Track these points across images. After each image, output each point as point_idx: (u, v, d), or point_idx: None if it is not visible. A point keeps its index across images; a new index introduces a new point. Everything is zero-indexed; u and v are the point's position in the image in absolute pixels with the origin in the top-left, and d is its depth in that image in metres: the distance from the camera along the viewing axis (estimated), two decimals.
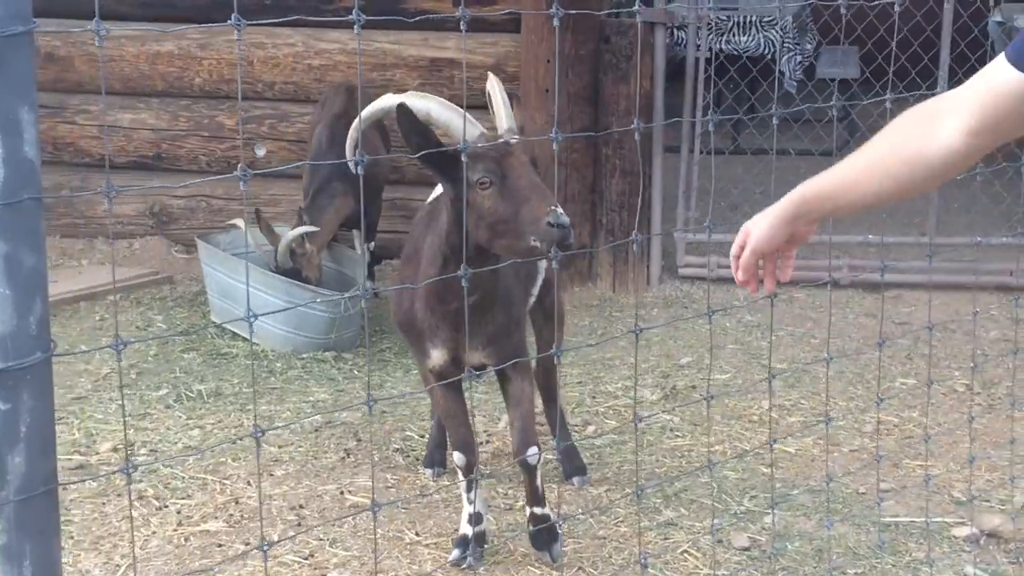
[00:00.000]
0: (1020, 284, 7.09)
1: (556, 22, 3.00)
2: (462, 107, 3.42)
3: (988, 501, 4.42)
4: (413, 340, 3.97)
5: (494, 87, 3.79)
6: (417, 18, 2.94)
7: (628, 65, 7.04)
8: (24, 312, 1.81)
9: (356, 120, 3.76)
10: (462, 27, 2.42)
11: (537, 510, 4.09)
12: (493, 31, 7.36)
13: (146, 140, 7.85)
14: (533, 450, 4.02)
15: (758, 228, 2.55)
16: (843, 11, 3.42)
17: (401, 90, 7.45)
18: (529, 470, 4.05)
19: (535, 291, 4.39)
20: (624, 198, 7.15)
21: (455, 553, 4.08)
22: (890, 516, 4.40)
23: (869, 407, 5.45)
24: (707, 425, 5.14)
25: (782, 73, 10.66)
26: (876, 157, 2.41)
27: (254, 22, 2.44)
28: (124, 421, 5.20)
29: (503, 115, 3.68)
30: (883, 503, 4.45)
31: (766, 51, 10.69)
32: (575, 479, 4.69)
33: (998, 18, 9.33)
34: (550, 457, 4.91)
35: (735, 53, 10.48)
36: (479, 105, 7.40)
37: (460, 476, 4.14)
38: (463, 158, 3.15)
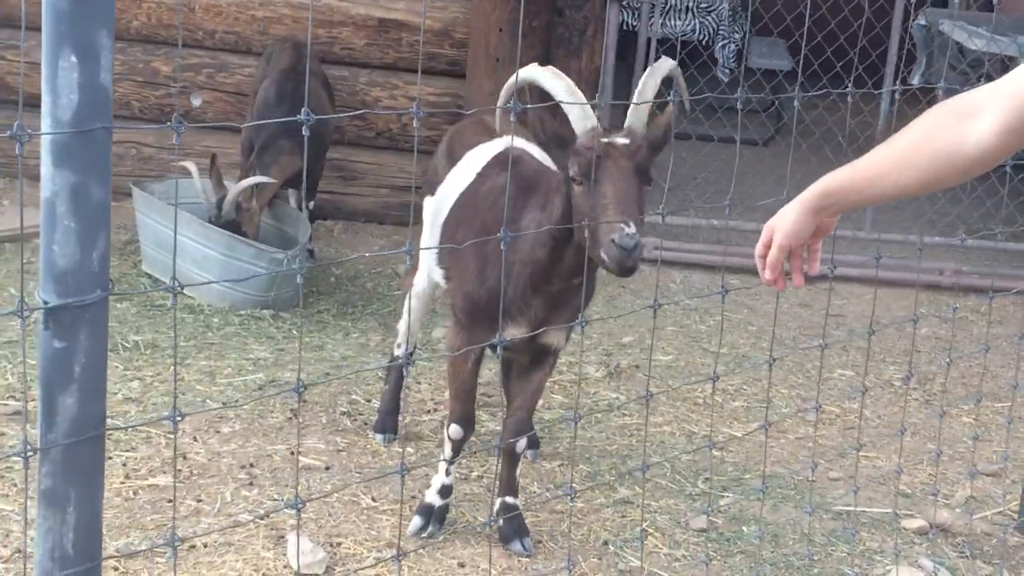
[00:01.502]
0: (951, 283, 7.24)
1: None
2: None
3: (934, 496, 4.49)
4: (485, 315, 3.78)
5: (646, 80, 3.55)
6: None
7: (581, 40, 7.00)
8: (88, 247, 1.72)
9: (512, 79, 3.59)
10: None
11: (509, 499, 4.01)
12: None
13: None
14: (523, 440, 3.97)
15: (784, 224, 2.54)
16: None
17: (346, 49, 7.38)
18: (513, 458, 4.00)
19: None
20: None
21: (416, 521, 4.02)
22: (842, 505, 4.44)
23: (810, 396, 5.50)
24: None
25: (716, 60, 10.71)
26: (905, 151, 2.41)
27: None
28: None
29: (632, 111, 3.49)
30: (832, 492, 4.50)
31: (701, 37, 10.73)
32: (528, 452, 4.66)
33: (922, 21, 9.47)
34: (498, 428, 4.88)
35: (670, 37, 10.50)
36: (418, 69, 7.38)
37: (448, 449, 4.05)
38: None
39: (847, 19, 7.73)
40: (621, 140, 3.40)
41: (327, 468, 4.43)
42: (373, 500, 4.21)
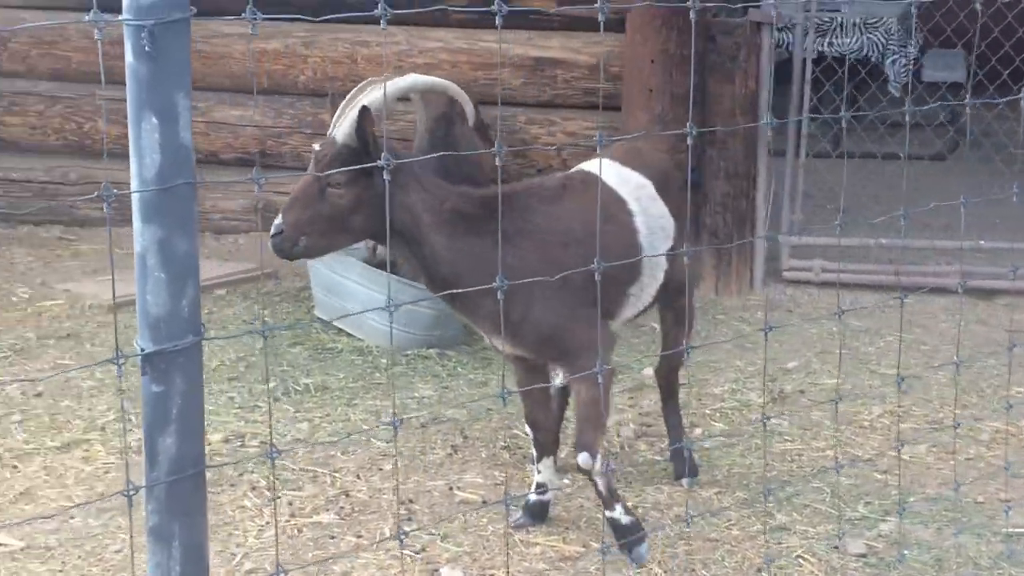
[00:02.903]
0: None
1: (693, 15, 2.98)
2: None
3: None
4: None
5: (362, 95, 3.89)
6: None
7: (733, 65, 6.97)
8: (177, 296, 1.82)
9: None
10: (497, 22, 2.39)
11: (608, 513, 4.06)
12: (597, 30, 7.32)
13: (251, 136, 7.94)
14: (584, 455, 3.97)
15: None
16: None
17: (505, 90, 7.50)
18: (584, 474, 4.07)
19: (638, 291, 4.27)
20: (728, 200, 7.09)
21: (515, 514, 4.28)
22: (1012, 527, 4.29)
23: (984, 415, 5.34)
24: (835, 427, 5.07)
25: (886, 76, 10.50)
26: None
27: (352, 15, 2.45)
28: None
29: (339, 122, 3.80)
30: (1002, 514, 4.35)
31: (870, 53, 10.54)
32: (684, 480, 4.65)
33: None
34: (657, 458, 4.89)
35: (838, 55, 10.34)
36: (575, 104, 7.46)
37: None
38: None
39: (1011, 26, 7.49)
40: (315, 146, 3.82)
41: (484, 502, 4.51)
42: (528, 532, 4.26)
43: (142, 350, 1.82)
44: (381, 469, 4.79)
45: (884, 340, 6.37)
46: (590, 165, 4.32)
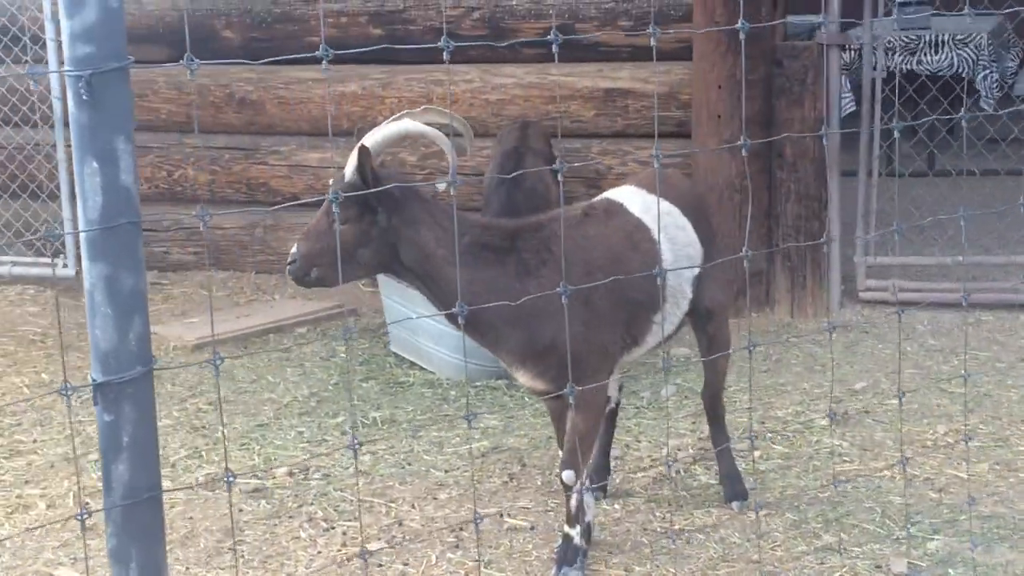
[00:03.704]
0: None
1: (743, 35, 3.03)
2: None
3: None
4: None
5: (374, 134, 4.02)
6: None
7: (802, 88, 6.96)
8: (124, 330, 1.94)
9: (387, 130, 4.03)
10: (554, 50, 2.47)
11: (567, 528, 4.17)
12: (665, 59, 7.38)
13: (332, 178, 8.13)
14: (569, 473, 4.10)
15: None
16: None
17: (576, 122, 7.59)
18: (565, 488, 4.16)
19: (661, 318, 4.25)
20: (801, 222, 7.06)
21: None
22: None
23: None
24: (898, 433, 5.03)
25: (978, 92, 10.33)
26: None
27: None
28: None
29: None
30: None
31: (960, 70, 10.38)
32: (734, 503, 4.66)
33: None
34: (713, 481, 4.90)
35: (927, 73, 10.21)
36: (647, 134, 7.52)
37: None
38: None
39: None
40: (330, 181, 4.08)
41: (532, 528, 4.57)
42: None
43: (94, 380, 1.94)
44: (436, 498, 4.89)
45: (958, 358, 6.28)
46: (615, 193, 4.39)
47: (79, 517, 1.93)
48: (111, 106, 1.90)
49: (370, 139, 3.91)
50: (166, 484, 5.06)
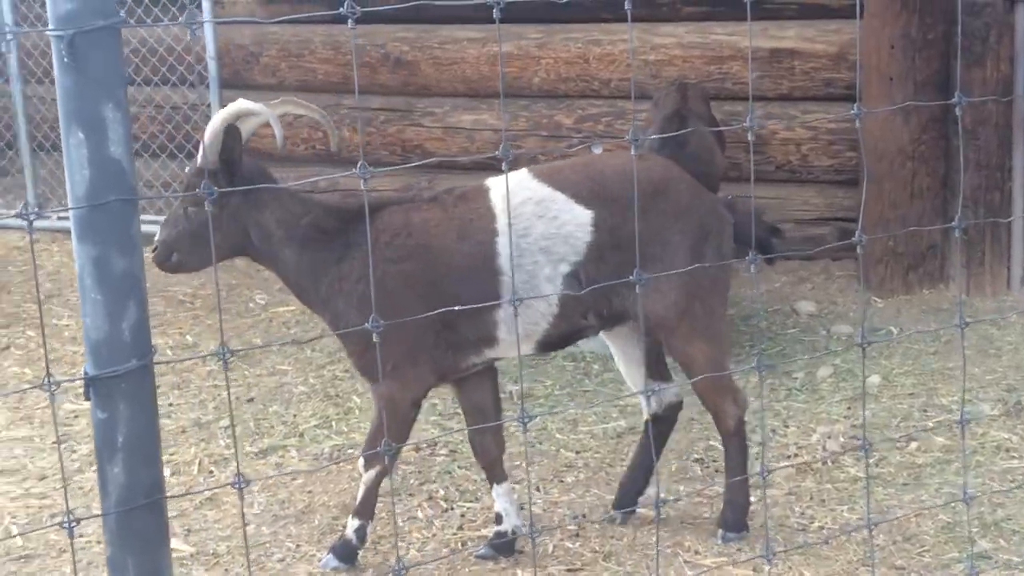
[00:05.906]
0: None
1: None
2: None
3: None
4: None
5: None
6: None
7: (984, 48, 6.42)
8: (116, 318, 1.74)
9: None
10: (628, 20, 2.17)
11: (349, 519, 4.06)
12: (834, 17, 6.93)
13: (488, 141, 7.92)
14: (362, 460, 4.04)
15: None
16: None
17: (739, 84, 7.20)
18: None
19: (509, 316, 3.89)
20: (979, 193, 6.54)
21: None
22: None
23: None
24: None
25: None
26: None
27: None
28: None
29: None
30: None
31: None
32: (720, 532, 4.11)
33: None
34: (861, 475, 4.53)
35: None
36: (815, 96, 7.08)
37: None
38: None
39: None
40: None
41: (663, 518, 4.29)
42: (697, 552, 4.02)
43: (85, 374, 1.75)
44: (562, 481, 4.64)
45: None
46: (497, 177, 4.04)
47: (64, 526, 1.74)
48: (98, 69, 1.69)
49: (241, 123, 3.93)
50: (291, 454, 4.98)
